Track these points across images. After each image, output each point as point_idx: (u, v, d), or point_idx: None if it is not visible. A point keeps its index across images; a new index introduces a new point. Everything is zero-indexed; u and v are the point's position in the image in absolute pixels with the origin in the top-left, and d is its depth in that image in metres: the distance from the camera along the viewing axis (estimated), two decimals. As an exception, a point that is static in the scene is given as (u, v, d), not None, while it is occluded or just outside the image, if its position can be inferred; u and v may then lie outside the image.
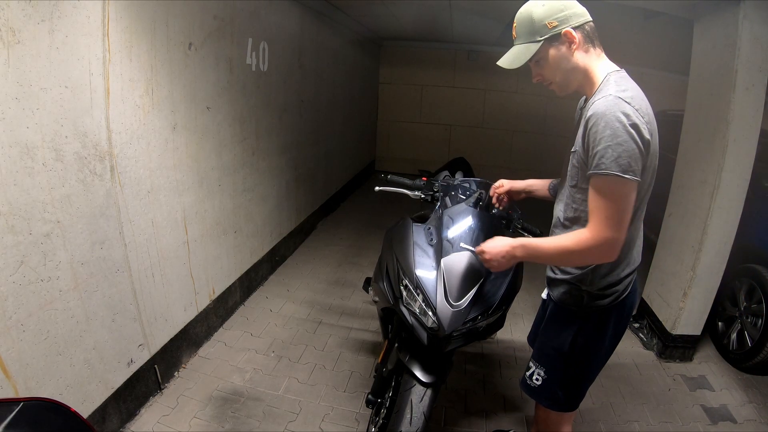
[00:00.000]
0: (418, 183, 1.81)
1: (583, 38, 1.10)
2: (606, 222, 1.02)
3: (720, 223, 2.21)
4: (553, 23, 1.07)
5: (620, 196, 1.01)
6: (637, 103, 1.01)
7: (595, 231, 1.04)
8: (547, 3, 1.09)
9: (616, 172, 0.98)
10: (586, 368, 1.27)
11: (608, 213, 1.02)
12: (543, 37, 1.09)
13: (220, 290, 2.52)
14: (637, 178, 1.00)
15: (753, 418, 2.06)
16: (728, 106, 2.06)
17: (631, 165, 0.98)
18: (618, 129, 0.97)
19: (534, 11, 1.09)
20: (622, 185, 1.00)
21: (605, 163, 0.99)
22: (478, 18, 3.93)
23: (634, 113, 0.99)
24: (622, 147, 0.97)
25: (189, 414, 1.89)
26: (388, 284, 1.55)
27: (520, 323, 2.77)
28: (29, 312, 1.34)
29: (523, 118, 6.14)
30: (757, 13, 1.96)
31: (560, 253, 1.12)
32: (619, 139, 0.97)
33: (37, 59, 1.27)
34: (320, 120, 4.07)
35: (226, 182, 2.47)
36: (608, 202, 1.02)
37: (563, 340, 1.24)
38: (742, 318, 2.44)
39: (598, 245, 1.04)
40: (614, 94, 1.01)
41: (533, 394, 1.33)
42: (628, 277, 1.18)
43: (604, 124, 0.98)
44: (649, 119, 1.03)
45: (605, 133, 0.98)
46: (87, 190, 1.51)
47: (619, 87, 1.04)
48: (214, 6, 2.14)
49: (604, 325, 1.21)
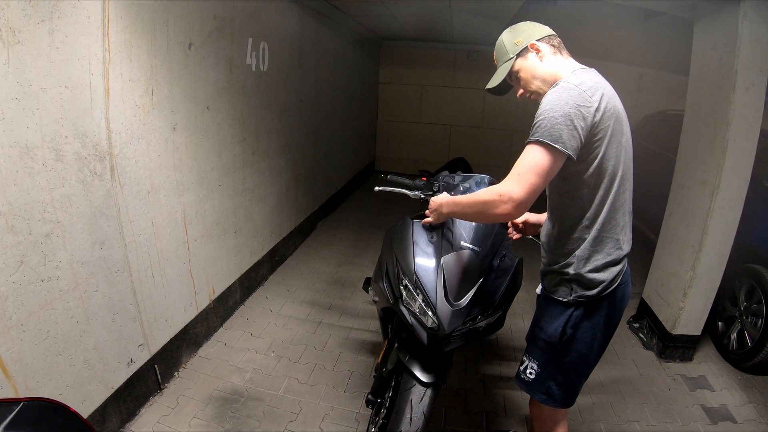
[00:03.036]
0: (418, 183, 1.81)
1: (549, 47, 1.24)
2: (517, 177, 1.08)
3: (720, 223, 2.21)
4: (520, 41, 1.26)
5: (541, 160, 1.06)
6: (585, 87, 1.09)
7: (503, 184, 1.11)
8: (514, 29, 1.29)
9: (545, 140, 1.05)
10: (578, 361, 1.28)
11: (522, 170, 1.08)
12: (514, 54, 1.26)
13: (220, 290, 2.52)
14: (566, 150, 1.05)
15: (753, 418, 2.06)
16: (728, 106, 2.06)
17: (561, 137, 1.05)
18: (557, 105, 1.06)
19: (504, 37, 1.30)
20: (548, 152, 1.06)
21: (538, 132, 1.07)
22: (478, 18, 3.93)
23: (579, 94, 1.07)
24: (556, 120, 1.05)
25: (189, 414, 1.89)
26: (388, 284, 1.55)
27: (520, 323, 2.77)
28: (29, 312, 1.34)
29: (523, 118, 6.09)
30: (757, 13, 1.96)
31: (472, 204, 1.23)
32: (555, 113, 1.05)
33: (37, 59, 1.27)
34: (320, 120, 4.07)
35: (226, 182, 2.47)
36: (527, 162, 1.08)
37: (554, 331, 1.25)
38: (742, 318, 2.44)
39: (500, 197, 1.10)
40: (564, 79, 1.13)
41: (528, 388, 1.35)
42: (610, 267, 1.20)
43: (547, 102, 1.09)
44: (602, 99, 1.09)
45: (545, 108, 1.08)
46: (87, 190, 1.51)
47: (573, 76, 1.14)
48: (214, 6, 2.14)
49: (595, 317, 1.23)
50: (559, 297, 1.25)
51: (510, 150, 6.40)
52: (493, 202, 1.12)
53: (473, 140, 6.42)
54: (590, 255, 1.19)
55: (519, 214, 1.10)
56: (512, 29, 1.30)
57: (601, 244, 1.19)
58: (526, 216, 1.58)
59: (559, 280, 1.25)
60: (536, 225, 1.56)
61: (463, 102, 6.30)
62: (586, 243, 1.19)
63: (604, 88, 1.13)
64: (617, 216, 1.20)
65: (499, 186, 1.12)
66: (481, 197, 1.17)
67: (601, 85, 1.13)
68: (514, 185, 1.08)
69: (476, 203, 1.20)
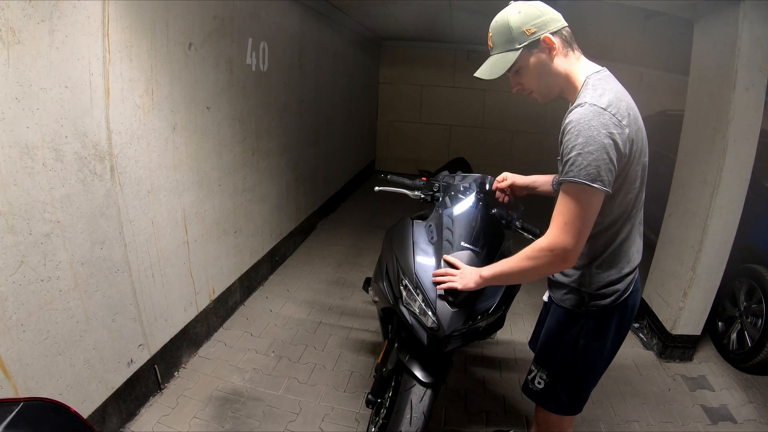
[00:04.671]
0: (418, 183, 1.81)
1: (562, 43, 1.08)
2: (564, 228, 1.02)
3: (720, 223, 2.21)
4: (531, 30, 1.06)
5: (584, 204, 1.00)
6: (614, 108, 0.99)
7: (551, 236, 1.04)
8: (523, 10, 1.07)
9: (584, 181, 0.97)
10: (588, 370, 1.25)
11: (568, 218, 1.02)
12: (522, 45, 1.07)
13: (220, 290, 2.52)
14: (605, 188, 0.98)
15: (753, 418, 2.06)
16: (728, 106, 2.06)
17: (600, 174, 0.97)
18: (590, 138, 0.96)
19: (511, 19, 1.07)
20: (588, 194, 0.99)
21: (574, 170, 0.98)
22: (478, 18, 3.93)
23: (610, 121, 0.97)
24: (592, 156, 0.96)
25: (189, 414, 1.89)
26: (388, 284, 1.55)
27: (520, 323, 2.77)
28: (29, 312, 1.34)
29: (523, 118, 6.13)
30: (757, 13, 1.96)
31: (520, 268, 1.13)
32: (590, 147, 0.96)
33: (37, 59, 1.27)
34: (320, 120, 4.07)
35: (226, 182, 2.47)
36: (571, 208, 1.01)
37: (565, 342, 1.22)
38: (742, 318, 2.44)
39: (552, 251, 1.04)
40: (590, 102, 0.99)
41: (536, 398, 1.31)
42: (629, 276, 1.17)
43: (577, 133, 0.98)
44: (630, 119, 1.01)
45: (577, 141, 0.97)
46: (87, 190, 1.51)
47: (596, 92, 1.02)
48: (214, 6, 2.14)
49: (606, 326, 1.20)
50: (570, 306, 1.21)
51: (510, 150, 6.40)
52: (546, 257, 1.05)
53: (473, 140, 6.42)
54: (609, 270, 1.15)
55: (573, 262, 1.06)
56: (522, 10, 1.07)
57: (616, 259, 1.16)
58: (513, 178, 1.54)
59: (571, 292, 1.21)
60: (524, 187, 1.53)
61: (463, 102, 6.31)
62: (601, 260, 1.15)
63: (628, 103, 1.04)
64: (637, 231, 1.18)
65: (547, 240, 1.05)
66: (530, 256, 1.09)
67: (624, 100, 1.04)
68: (564, 236, 1.02)
69: (524, 267, 1.11)
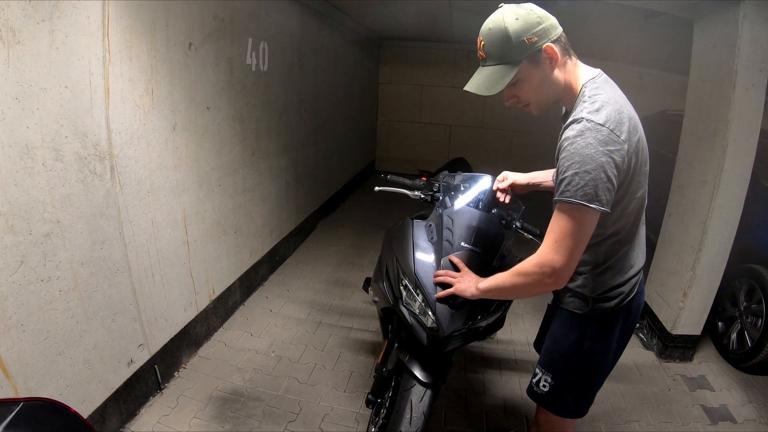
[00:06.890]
0: (418, 183, 1.80)
1: (562, 51, 1.02)
2: (554, 245, 0.99)
3: (720, 223, 2.21)
4: (533, 39, 0.98)
5: (578, 223, 0.97)
6: (612, 123, 0.95)
7: (541, 253, 1.02)
8: (521, 16, 0.98)
9: (581, 201, 0.94)
10: (593, 373, 1.25)
11: (559, 237, 0.99)
12: (523, 56, 0.99)
13: (220, 290, 2.52)
14: (603, 208, 0.95)
15: (753, 418, 2.06)
16: (728, 106, 2.06)
17: (597, 194, 0.94)
18: (587, 157, 0.93)
19: (509, 27, 0.97)
20: (583, 213, 0.96)
21: (570, 190, 0.95)
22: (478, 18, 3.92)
23: (608, 137, 0.94)
24: (590, 175, 0.93)
25: (189, 414, 1.89)
26: (388, 284, 1.55)
27: (520, 323, 2.77)
28: (29, 312, 1.34)
29: (523, 118, 6.13)
30: (757, 13, 1.96)
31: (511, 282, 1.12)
32: (587, 167, 0.93)
33: (37, 59, 1.27)
34: (320, 120, 4.07)
35: (226, 182, 2.47)
36: (563, 226, 0.98)
37: (570, 345, 1.21)
38: (742, 318, 2.44)
39: (541, 270, 1.02)
40: (587, 117, 0.95)
41: (541, 401, 1.30)
42: (633, 278, 1.17)
43: (574, 151, 0.94)
44: (630, 131, 0.98)
45: (573, 160, 0.94)
46: (87, 190, 1.51)
47: (593, 105, 0.97)
48: (214, 6, 2.14)
49: (611, 328, 1.19)
50: (574, 309, 1.20)
51: (510, 150, 6.40)
52: (534, 275, 1.03)
53: (473, 140, 6.42)
54: (614, 273, 1.15)
55: (564, 282, 1.04)
56: (521, 17, 0.98)
57: (619, 265, 1.15)
58: (513, 178, 1.53)
59: (574, 293, 1.20)
60: (524, 185, 1.53)
61: (463, 102, 6.30)
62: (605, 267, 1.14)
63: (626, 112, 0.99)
64: (641, 234, 1.17)
65: (537, 257, 1.03)
66: (521, 272, 1.08)
67: (623, 109, 0.99)
68: (553, 254, 0.99)
69: (515, 283, 1.10)
